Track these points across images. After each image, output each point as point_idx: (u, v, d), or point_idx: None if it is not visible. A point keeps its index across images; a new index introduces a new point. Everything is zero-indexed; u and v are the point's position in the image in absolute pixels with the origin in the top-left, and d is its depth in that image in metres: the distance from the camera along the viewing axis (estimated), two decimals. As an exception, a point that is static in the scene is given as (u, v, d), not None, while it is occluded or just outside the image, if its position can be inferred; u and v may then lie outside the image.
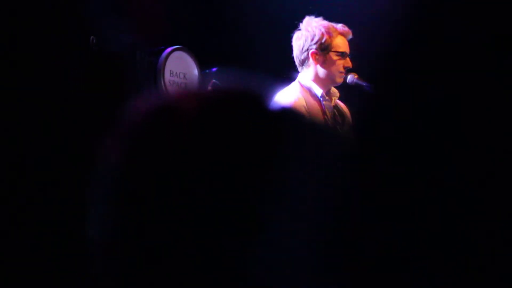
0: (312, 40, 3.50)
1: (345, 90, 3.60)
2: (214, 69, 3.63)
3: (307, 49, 3.52)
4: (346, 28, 3.56)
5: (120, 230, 0.81)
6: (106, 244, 0.80)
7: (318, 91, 3.51)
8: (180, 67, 3.47)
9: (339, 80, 3.54)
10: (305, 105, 3.44)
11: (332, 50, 3.49)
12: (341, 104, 3.68)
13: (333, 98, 3.59)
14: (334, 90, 3.60)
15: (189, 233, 0.82)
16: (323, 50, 3.50)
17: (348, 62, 3.53)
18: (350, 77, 3.55)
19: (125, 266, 0.79)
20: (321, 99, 3.52)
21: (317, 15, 3.56)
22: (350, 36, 3.57)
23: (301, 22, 3.56)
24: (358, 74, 3.55)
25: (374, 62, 3.61)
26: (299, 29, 3.57)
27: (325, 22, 3.53)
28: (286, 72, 3.68)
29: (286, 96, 3.47)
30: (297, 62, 3.58)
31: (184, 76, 3.48)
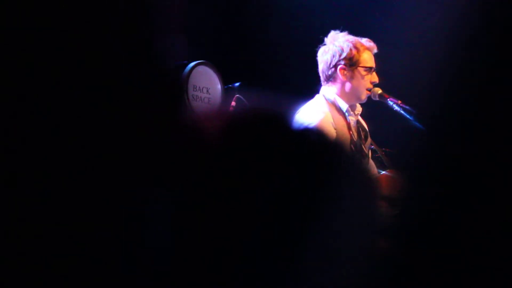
0: (340, 55, 3.45)
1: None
2: (237, 84, 3.60)
3: (335, 65, 3.46)
4: (372, 43, 3.51)
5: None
6: None
7: (344, 105, 3.45)
8: (203, 82, 3.43)
9: (363, 97, 3.49)
10: (332, 121, 3.38)
11: (360, 65, 3.44)
12: (362, 120, 3.63)
13: (357, 113, 3.53)
14: (357, 105, 3.55)
15: None
16: (351, 65, 3.45)
17: (374, 77, 3.49)
18: (375, 93, 3.50)
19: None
20: (347, 113, 3.46)
21: (342, 30, 3.52)
22: (375, 50, 3.52)
23: (326, 36, 3.51)
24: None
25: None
26: (325, 44, 3.52)
27: (351, 37, 3.48)
28: (309, 86, 3.64)
29: (313, 111, 3.41)
30: (322, 77, 3.53)
31: (207, 90, 3.44)
